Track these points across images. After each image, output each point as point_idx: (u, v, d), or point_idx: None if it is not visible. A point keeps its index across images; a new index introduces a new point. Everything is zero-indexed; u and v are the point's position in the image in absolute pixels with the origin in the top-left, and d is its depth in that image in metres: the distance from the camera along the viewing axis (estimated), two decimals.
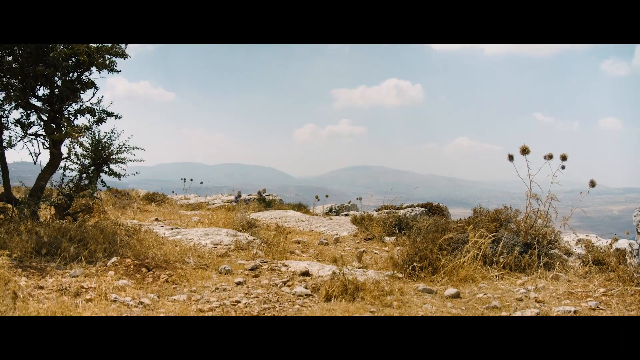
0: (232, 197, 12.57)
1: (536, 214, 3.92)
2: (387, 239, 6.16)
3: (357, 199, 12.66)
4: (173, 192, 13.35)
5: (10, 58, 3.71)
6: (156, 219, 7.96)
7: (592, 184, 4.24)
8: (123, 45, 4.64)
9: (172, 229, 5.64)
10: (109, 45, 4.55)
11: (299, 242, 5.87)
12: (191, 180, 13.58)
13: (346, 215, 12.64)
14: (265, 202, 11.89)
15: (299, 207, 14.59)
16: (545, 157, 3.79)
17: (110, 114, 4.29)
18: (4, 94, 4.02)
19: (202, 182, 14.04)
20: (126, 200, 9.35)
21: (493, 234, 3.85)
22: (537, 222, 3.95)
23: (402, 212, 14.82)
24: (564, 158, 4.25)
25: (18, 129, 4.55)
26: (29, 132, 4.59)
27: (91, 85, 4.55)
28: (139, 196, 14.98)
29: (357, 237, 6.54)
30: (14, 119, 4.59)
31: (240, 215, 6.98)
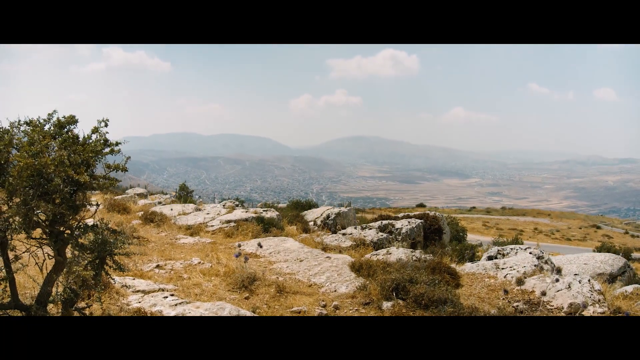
0: (231, 216, 12.69)
1: None
2: (384, 305, 6.37)
3: (357, 222, 12.86)
4: (171, 209, 13.40)
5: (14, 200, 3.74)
6: (157, 265, 8.11)
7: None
8: (121, 147, 4.63)
9: (176, 305, 5.79)
10: (109, 149, 4.54)
11: (299, 313, 6.07)
12: (187, 192, 13.62)
13: (343, 235, 12.83)
14: (263, 223, 12.03)
15: (296, 217, 14.81)
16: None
17: (114, 231, 4.35)
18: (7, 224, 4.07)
19: (199, 197, 14.10)
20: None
21: None
22: None
23: (398, 224, 15.10)
24: (559, 270, 4.37)
25: (22, 236, 4.61)
26: (32, 237, 4.64)
27: (89, 187, 4.57)
28: (137, 204, 15.10)
29: (355, 298, 6.74)
30: (18, 225, 4.64)
31: (239, 272, 7.15)
